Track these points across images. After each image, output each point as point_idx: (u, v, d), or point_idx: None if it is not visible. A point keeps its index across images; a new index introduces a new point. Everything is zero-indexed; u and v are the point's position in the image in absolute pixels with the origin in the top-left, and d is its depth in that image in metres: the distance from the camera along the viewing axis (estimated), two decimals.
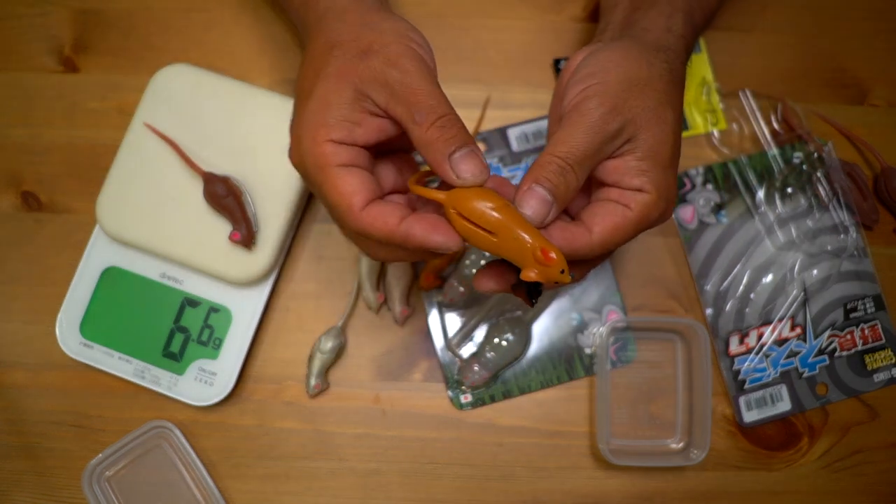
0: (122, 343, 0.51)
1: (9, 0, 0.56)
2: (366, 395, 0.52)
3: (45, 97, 0.55)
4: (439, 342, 0.53)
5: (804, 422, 0.53)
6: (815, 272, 0.54)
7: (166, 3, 0.56)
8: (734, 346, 0.53)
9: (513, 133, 0.55)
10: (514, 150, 0.55)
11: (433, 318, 0.53)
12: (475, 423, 0.52)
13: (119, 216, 0.50)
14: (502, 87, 0.56)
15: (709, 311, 0.53)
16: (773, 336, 0.53)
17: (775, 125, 0.56)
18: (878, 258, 0.54)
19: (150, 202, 0.50)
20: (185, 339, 0.51)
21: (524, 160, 0.55)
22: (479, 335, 0.53)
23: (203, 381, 0.50)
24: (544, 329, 0.53)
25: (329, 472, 0.51)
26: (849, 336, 0.53)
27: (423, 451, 0.52)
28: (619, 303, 0.54)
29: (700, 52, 0.57)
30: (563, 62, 0.56)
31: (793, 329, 0.53)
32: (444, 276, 0.53)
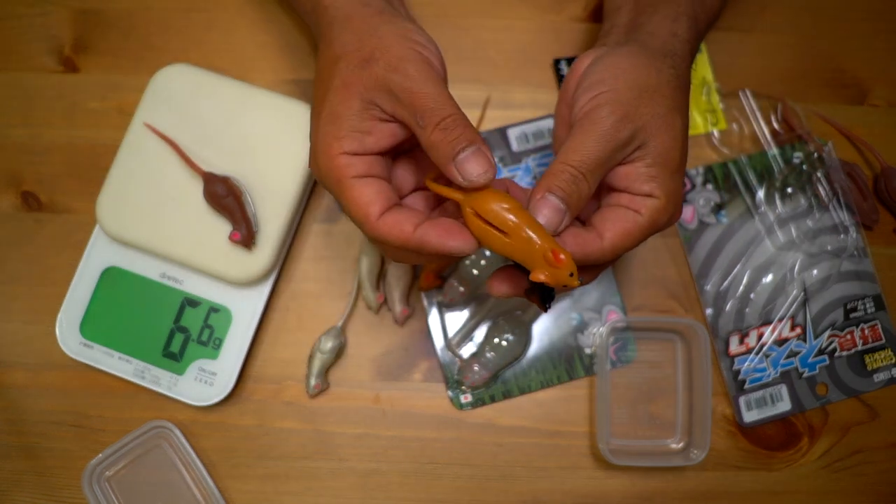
0: (122, 343, 0.51)
1: (9, 0, 0.56)
2: (366, 395, 0.52)
3: (45, 97, 0.55)
4: (439, 342, 0.53)
5: (804, 422, 0.53)
6: (815, 272, 0.54)
7: (166, 3, 0.56)
8: (734, 346, 0.53)
9: (513, 133, 0.55)
10: (514, 150, 0.55)
11: (433, 318, 0.53)
12: (475, 423, 0.52)
13: (119, 216, 0.50)
14: (502, 87, 0.56)
15: (709, 311, 0.53)
16: (773, 336, 0.53)
17: (775, 125, 0.56)
18: (878, 258, 0.54)
19: (150, 202, 0.50)
20: (185, 339, 0.51)
21: (524, 160, 0.55)
22: (479, 335, 0.53)
23: (203, 381, 0.50)
24: (544, 329, 0.53)
25: (329, 472, 0.51)
26: (849, 336, 0.53)
27: (423, 451, 0.52)
28: (619, 303, 0.54)
29: (700, 53, 0.57)
30: (564, 62, 0.56)
31: (793, 329, 0.53)
32: (444, 276, 0.53)
